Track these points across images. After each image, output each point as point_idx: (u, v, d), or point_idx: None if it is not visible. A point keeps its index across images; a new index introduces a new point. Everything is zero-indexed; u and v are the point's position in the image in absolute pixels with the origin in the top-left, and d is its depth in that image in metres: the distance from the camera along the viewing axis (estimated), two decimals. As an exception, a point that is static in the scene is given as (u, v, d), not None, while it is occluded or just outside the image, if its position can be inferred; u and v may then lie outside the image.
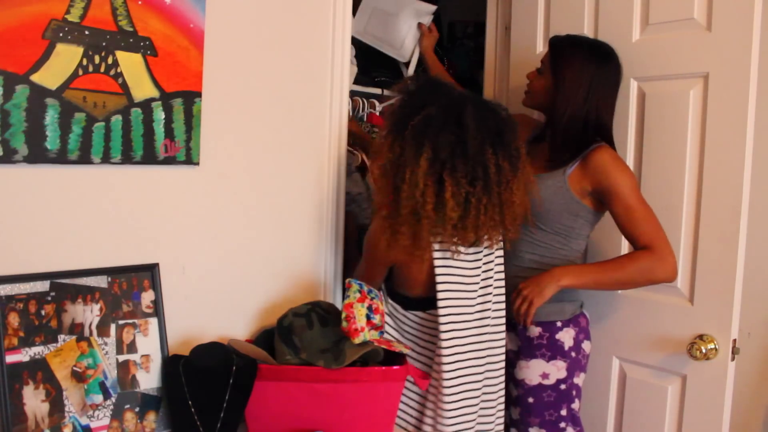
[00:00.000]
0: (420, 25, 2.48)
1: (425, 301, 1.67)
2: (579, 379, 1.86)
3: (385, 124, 1.65)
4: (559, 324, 1.83)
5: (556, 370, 1.81)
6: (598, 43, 1.87)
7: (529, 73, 1.93)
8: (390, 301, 1.74)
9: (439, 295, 1.59)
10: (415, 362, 1.69)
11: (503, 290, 1.74)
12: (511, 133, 1.57)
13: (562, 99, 1.79)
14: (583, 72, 1.78)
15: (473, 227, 1.52)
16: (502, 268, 1.73)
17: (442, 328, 1.58)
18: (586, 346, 1.88)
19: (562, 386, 1.81)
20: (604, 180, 1.74)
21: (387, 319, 1.71)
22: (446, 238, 1.55)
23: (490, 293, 1.69)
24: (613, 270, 1.76)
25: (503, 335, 1.74)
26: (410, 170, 1.50)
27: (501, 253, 1.72)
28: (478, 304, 1.65)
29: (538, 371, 1.82)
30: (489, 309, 1.69)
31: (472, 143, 1.50)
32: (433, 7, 2.46)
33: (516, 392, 1.87)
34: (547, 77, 1.85)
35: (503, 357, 1.74)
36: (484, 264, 1.67)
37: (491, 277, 1.69)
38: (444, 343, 1.58)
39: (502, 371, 1.75)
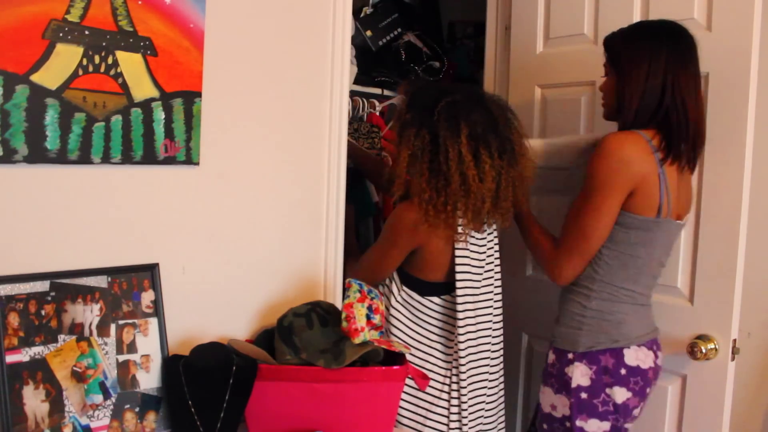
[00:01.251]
0: None
1: (441, 286, 1.75)
2: (588, 425, 1.63)
3: (401, 120, 1.74)
4: (570, 356, 1.65)
5: (562, 405, 1.67)
6: (658, 23, 1.69)
7: (600, 85, 1.77)
8: (405, 289, 1.77)
9: (458, 276, 1.70)
10: (431, 349, 1.74)
11: (499, 280, 1.83)
12: (515, 116, 1.74)
13: (627, 85, 1.63)
14: (640, 51, 1.62)
15: (505, 198, 1.66)
16: (497, 255, 1.84)
17: (459, 308, 1.69)
18: (616, 394, 1.61)
19: (567, 423, 1.66)
20: (589, 161, 1.63)
21: (400, 308, 1.77)
22: (483, 211, 1.66)
23: (492, 276, 1.80)
24: (529, 235, 1.77)
25: (501, 322, 1.83)
26: (452, 148, 1.61)
27: (497, 238, 1.83)
28: (482, 287, 1.77)
29: (548, 401, 1.71)
30: (492, 293, 1.80)
31: (501, 120, 1.66)
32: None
33: (538, 412, 1.80)
34: (611, 75, 1.70)
35: (501, 344, 1.84)
36: (487, 249, 1.78)
37: (492, 263, 1.81)
38: (459, 322, 1.69)
39: (500, 359, 1.84)
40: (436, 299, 1.76)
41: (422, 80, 1.91)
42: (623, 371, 1.62)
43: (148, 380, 1.41)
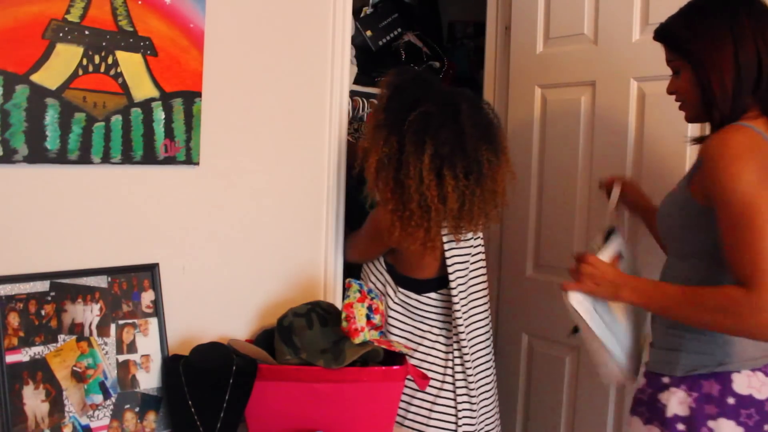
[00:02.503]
0: None
1: (435, 282, 1.75)
2: None
3: (375, 119, 1.69)
4: (665, 380, 1.37)
5: None
6: None
7: (667, 87, 1.49)
8: (401, 290, 1.76)
9: (450, 271, 1.71)
10: (434, 343, 1.74)
11: (485, 278, 1.84)
12: (497, 128, 1.69)
13: (713, 70, 1.34)
14: (716, 24, 1.34)
15: (470, 217, 1.63)
16: (483, 255, 1.84)
17: (455, 299, 1.70)
18: (722, 427, 1.31)
19: None
20: (709, 178, 1.29)
21: (399, 309, 1.76)
22: (449, 227, 1.65)
23: (478, 274, 1.81)
24: (690, 304, 1.29)
25: (488, 318, 1.84)
26: (414, 166, 1.58)
27: (481, 240, 1.84)
28: (469, 284, 1.78)
29: None
30: (480, 290, 1.81)
31: (470, 141, 1.59)
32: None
33: None
34: (684, 69, 1.40)
35: (490, 342, 1.85)
36: (472, 248, 1.79)
37: (478, 260, 1.82)
38: (457, 314, 1.70)
39: (492, 358, 1.85)
40: (433, 295, 1.75)
41: (407, 72, 1.80)
42: (731, 400, 1.32)
43: (148, 380, 1.41)
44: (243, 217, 1.65)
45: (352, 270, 1.89)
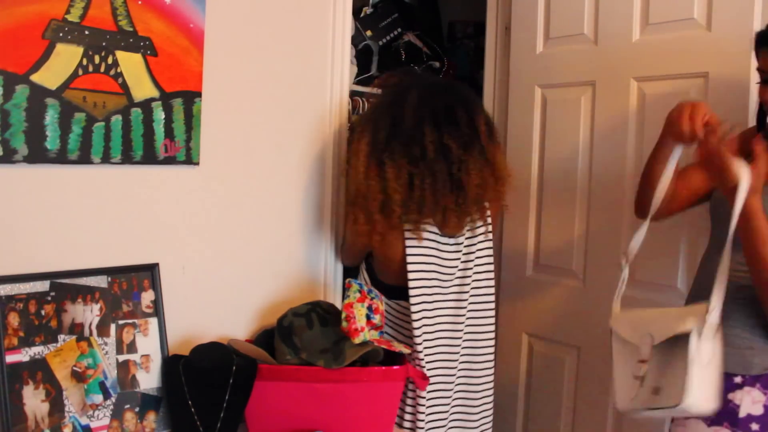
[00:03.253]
0: None
1: (404, 290, 1.67)
2: None
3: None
4: (737, 380, 1.32)
5: None
6: None
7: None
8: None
9: (411, 284, 1.60)
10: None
11: (492, 282, 1.71)
12: (466, 112, 1.56)
13: None
14: None
15: (420, 207, 1.53)
16: (490, 260, 1.72)
17: (414, 317, 1.60)
18: None
19: None
20: None
21: None
22: (408, 219, 1.55)
23: (469, 276, 1.68)
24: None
25: (491, 329, 1.72)
26: (355, 156, 1.56)
27: (489, 244, 1.72)
28: (452, 293, 1.66)
29: None
30: (466, 299, 1.68)
31: (408, 123, 1.53)
32: None
33: None
34: None
35: (490, 353, 1.73)
36: (464, 252, 1.68)
37: (471, 260, 1.69)
38: (415, 332, 1.60)
39: (489, 368, 1.74)
40: (403, 303, 1.67)
41: (396, 73, 1.77)
42: None
43: (148, 380, 1.41)
44: (243, 217, 1.65)
45: (352, 270, 1.89)
